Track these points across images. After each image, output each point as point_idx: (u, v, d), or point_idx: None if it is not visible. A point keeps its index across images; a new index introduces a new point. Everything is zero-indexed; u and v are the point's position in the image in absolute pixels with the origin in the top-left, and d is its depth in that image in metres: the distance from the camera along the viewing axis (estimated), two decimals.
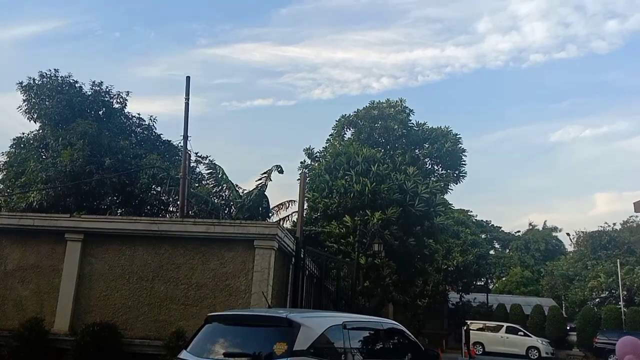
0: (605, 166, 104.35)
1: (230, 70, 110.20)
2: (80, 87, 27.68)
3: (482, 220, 61.39)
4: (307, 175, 26.95)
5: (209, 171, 23.97)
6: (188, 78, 15.53)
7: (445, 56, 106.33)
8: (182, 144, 16.84)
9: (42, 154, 26.54)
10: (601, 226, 46.94)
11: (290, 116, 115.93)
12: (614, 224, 47.63)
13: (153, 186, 26.14)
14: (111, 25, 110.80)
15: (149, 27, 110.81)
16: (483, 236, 56.40)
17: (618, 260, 39.40)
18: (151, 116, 28.61)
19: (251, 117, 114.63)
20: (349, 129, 28.37)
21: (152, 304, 11.31)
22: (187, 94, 15.44)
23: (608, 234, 45.30)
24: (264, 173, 25.46)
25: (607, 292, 41.54)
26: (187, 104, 15.39)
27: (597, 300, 42.67)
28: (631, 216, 50.41)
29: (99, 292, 11.62)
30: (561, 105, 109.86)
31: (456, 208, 39.90)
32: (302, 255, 13.69)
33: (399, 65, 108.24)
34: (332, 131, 28.63)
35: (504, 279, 59.55)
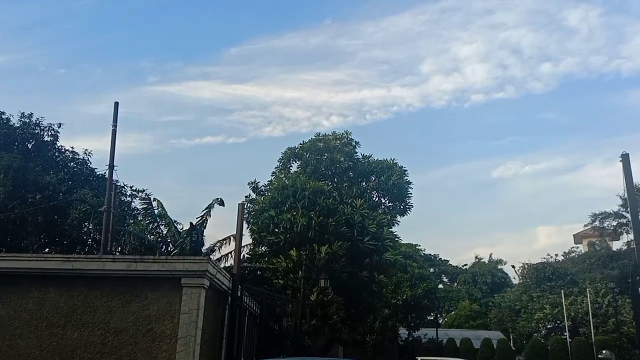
0: (545, 200, 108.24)
1: (180, 107, 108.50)
2: (8, 118, 25.90)
3: (430, 254, 61.67)
4: (251, 209, 25.99)
5: (144, 206, 22.50)
6: (116, 104, 14.51)
7: (392, 96, 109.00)
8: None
9: None
10: (544, 258, 47.86)
11: (241, 153, 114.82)
12: (556, 255, 48.70)
13: (85, 223, 24.40)
14: (56, 62, 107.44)
15: (95, 64, 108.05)
16: (431, 270, 56.51)
17: (562, 291, 39.99)
18: (86, 150, 26.94)
19: (201, 154, 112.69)
20: (295, 162, 27.72)
21: (64, 353, 9.91)
22: (115, 120, 14.40)
23: (551, 266, 46.13)
24: (206, 208, 24.34)
25: (553, 324, 41.96)
26: (114, 131, 14.32)
27: (543, 331, 43.00)
28: (572, 247, 51.90)
29: (1, 341, 10.11)
30: (502, 143, 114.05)
31: (404, 242, 39.66)
32: (239, 294, 12.62)
33: (348, 104, 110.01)
34: (278, 164, 27.89)
35: (453, 312, 59.52)
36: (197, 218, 23.93)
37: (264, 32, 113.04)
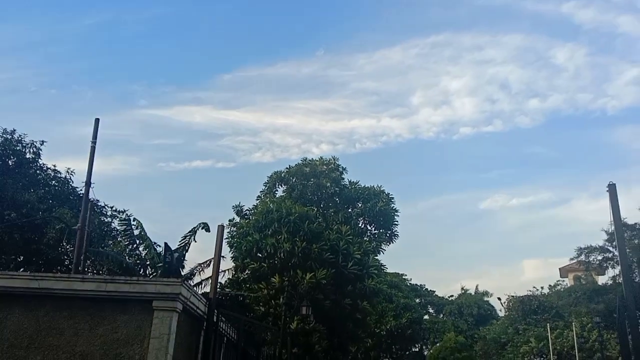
0: (531, 234, 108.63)
1: (170, 131, 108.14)
2: None
3: (416, 284, 61.13)
4: (235, 233, 25.50)
5: (122, 227, 21.95)
6: (97, 120, 14.22)
7: (382, 126, 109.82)
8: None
9: None
10: (530, 291, 47.57)
11: (230, 178, 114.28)
12: (542, 288, 48.45)
13: (63, 243, 23.76)
14: (47, 83, 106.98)
15: (86, 86, 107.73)
16: (417, 300, 55.94)
17: (548, 324, 39.60)
18: (68, 169, 26.35)
19: (189, 178, 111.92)
20: (281, 186, 27.40)
21: None
22: (95, 137, 14.11)
23: (537, 299, 45.82)
24: (189, 232, 23.83)
25: (539, 357, 41.40)
26: (93, 148, 14.00)
27: None
28: (558, 281, 51.70)
29: None
30: (489, 175, 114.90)
31: (390, 271, 39.22)
32: (215, 319, 12.15)
33: (338, 132, 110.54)
34: (263, 188, 27.54)
35: (438, 344, 58.67)
36: (179, 241, 23.43)
37: (257, 60, 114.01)
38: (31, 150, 26.15)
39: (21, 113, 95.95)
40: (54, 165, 26.54)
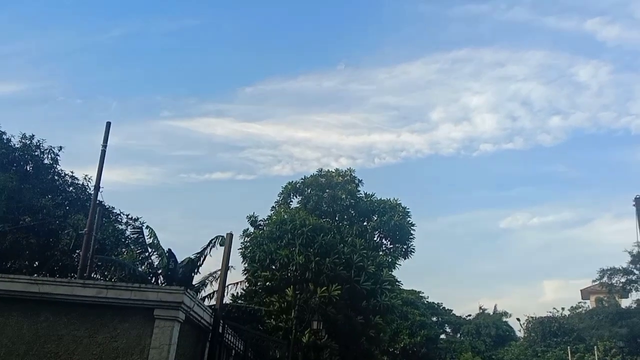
0: (552, 254, 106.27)
1: (191, 142, 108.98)
2: (9, 139, 25.63)
3: (433, 302, 60.08)
4: (248, 243, 25.20)
5: (134, 234, 21.82)
6: (108, 124, 14.16)
7: (401, 141, 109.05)
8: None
9: None
10: (550, 312, 46.37)
11: (250, 190, 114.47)
12: (562, 310, 47.15)
13: (78, 251, 23.77)
14: (74, 92, 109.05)
15: (111, 96, 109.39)
16: (434, 319, 54.89)
17: (568, 347, 38.40)
18: (86, 175, 26.47)
19: (210, 189, 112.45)
20: (296, 197, 27.09)
21: None
22: (105, 141, 14.04)
23: (557, 320, 44.61)
24: (206, 245, 23.61)
25: None
26: (103, 152, 13.94)
27: None
28: (579, 302, 50.26)
29: None
30: (510, 193, 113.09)
31: (407, 288, 38.49)
32: (220, 330, 11.79)
33: (357, 147, 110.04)
34: (278, 198, 27.27)
35: None
36: (196, 253, 23.09)
37: (279, 73, 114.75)
38: (49, 156, 26.35)
39: (48, 122, 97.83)
40: (72, 172, 26.69)
